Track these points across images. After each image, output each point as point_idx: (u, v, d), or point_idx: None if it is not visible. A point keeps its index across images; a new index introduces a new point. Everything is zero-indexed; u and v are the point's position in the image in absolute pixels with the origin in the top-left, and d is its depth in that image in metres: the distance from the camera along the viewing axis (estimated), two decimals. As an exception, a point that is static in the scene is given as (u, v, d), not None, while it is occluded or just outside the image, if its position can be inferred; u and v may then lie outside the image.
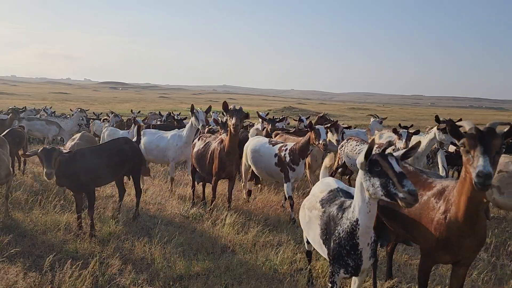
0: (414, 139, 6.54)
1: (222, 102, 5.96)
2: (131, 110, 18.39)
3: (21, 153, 5.35)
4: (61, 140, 13.40)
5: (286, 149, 6.28)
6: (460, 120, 3.15)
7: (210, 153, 6.35)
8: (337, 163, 8.07)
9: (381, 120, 13.09)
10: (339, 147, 7.88)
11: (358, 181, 2.85)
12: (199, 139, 6.89)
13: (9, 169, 5.81)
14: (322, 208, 3.32)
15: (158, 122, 13.76)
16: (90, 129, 13.44)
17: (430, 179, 3.47)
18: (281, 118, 10.05)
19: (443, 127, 6.16)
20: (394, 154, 2.80)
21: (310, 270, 4.22)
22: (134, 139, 6.37)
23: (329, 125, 6.47)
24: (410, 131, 6.80)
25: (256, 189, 7.84)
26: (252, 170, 7.04)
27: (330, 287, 3.18)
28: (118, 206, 6.18)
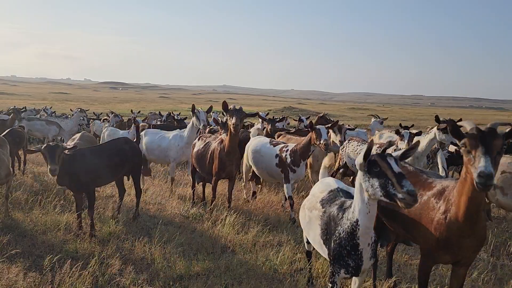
0: (415, 140, 6.52)
1: (222, 102, 5.95)
2: (131, 110, 18.40)
3: (20, 152, 5.35)
4: (61, 140, 13.40)
5: (287, 149, 6.26)
6: (460, 120, 3.15)
7: (210, 153, 6.34)
8: (338, 164, 8.05)
9: (382, 120, 13.06)
10: (341, 148, 7.87)
11: (358, 182, 2.85)
12: (199, 139, 6.89)
13: (9, 169, 5.82)
14: (323, 208, 3.32)
15: (158, 122, 13.76)
16: (90, 129, 13.44)
17: (430, 179, 3.47)
18: (281, 118, 10.04)
19: (443, 127, 6.16)
20: (393, 155, 2.80)
21: (310, 270, 4.22)
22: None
23: (329, 125, 6.46)
24: (412, 132, 6.76)
25: (256, 189, 7.84)
26: (253, 170, 7.04)
27: (331, 287, 3.18)
28: (118, 206, 6.18)
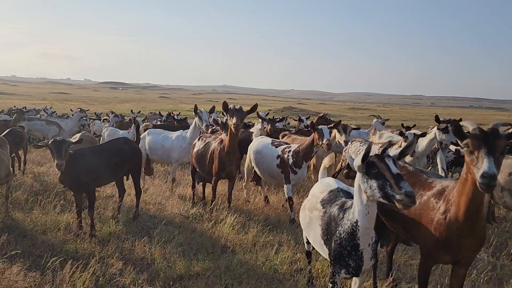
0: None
1: (222, 102, 5.95)
2: (131, 110, 18.40)
3: (20, 152, 5.34)
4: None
5: (290, 150, 6.22)
6: (460, 120, 3.15)
7: (210, 153, 6.34)
8: (340, 165, 8.02)
9: (383, 121, 12.99)
10: (344, 150, 7.81)
11: (357, 183, 2.86)
12: (199, 139, 6.88)
13: (9, 169, 5.82)
14: (323, 208, 3.32)
15: (158, 122, 13.76)
16: (90, 129, 13.44)
17: (430, 179, 3.47)
18: (281, 118, 10.04)
19: (443, 127, 6.15)
20: (391, 155, 2.80)
21: (310, 270, 4.22)
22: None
23: (331, 125, 6.43)
24: (417, 133, 6.66)
25: (256, 189, 7.83)
26: (254, 171, 7.01)
27: (331, 287, 3.18)
28: (118, 206, 6.18)
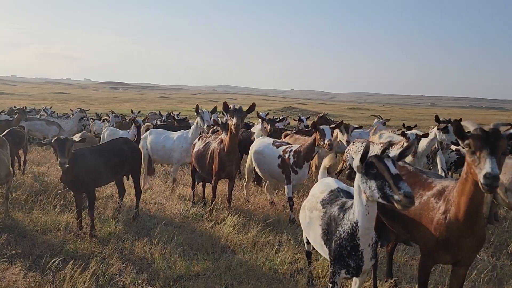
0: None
1: (222, 102, 5.96)
2: (131, 110, 18.42)
3: (20, 152, 5.34)
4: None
5: (291, 150, 6.21)
6: (460, 120, 3.15)
7: (210, 153, 6.33)
8: (342, 165, 8.00)
9: (384, 121, 12.99)
10: (345, 151, 7.79)
11: (356, 183, 2.86)
12: (199, 139, 6.88)
13: (9, 169, 5.82)
14: (323, 208, 3.32)
15: (158, 122, 13.76)
16: (90, 129, 13.44)
17: (430, 179, 3.47)
18: (281, 118, 10.03)
19: (443, 127, 6.15)
20: (390, 155, 2.80)
21: (310, 270, 4.22)
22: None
23: (334, 125, 6.43)
24: (419, 134, 6.60)
25: (256, 189, 7.83)
26: (256, 171, 7.00)
27: (331, 287, 3.18)
28: (118, 206, 6.18)
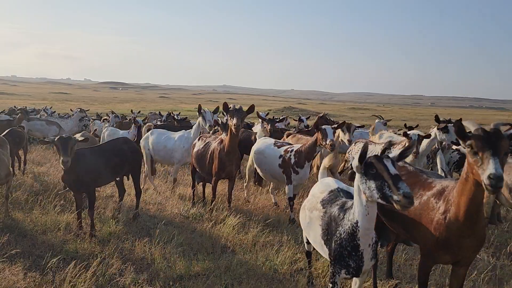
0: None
1: (222, 102, 5.96)
2: (131, 110, 18.41)
3: (21, 152, 5.34)
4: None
5: (292, 150, 6.20)
6: (460, 120, 3.15)
7: (210, 153, 6.33)
8: (343, 166, 7.99)
9: (385, 121, 12.97)
10: (347, 152, 7.78)
11: (356, 183, 2.86)
12: (199, 139, 6.88)
13: (9, 169, 5.82)
14: (323, 208, 3.32)
15: (158, 122, 13.76)
16: (90, 129, 13.43)
17: (430, 179, 3.47)
18: (281, 118, 10.03)
19: (443, 127, 6.15)
20: (390, 156, 2.80)
21: (310, 271, 4.21)
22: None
23: (335, 126, 6.42)
24: (421, 135, 6.54)
25: (256, 189, 7.84)
26: (257, 172, 6.99)
27: (331, 287, 3.18)
28: (118, 206, 6.18)
